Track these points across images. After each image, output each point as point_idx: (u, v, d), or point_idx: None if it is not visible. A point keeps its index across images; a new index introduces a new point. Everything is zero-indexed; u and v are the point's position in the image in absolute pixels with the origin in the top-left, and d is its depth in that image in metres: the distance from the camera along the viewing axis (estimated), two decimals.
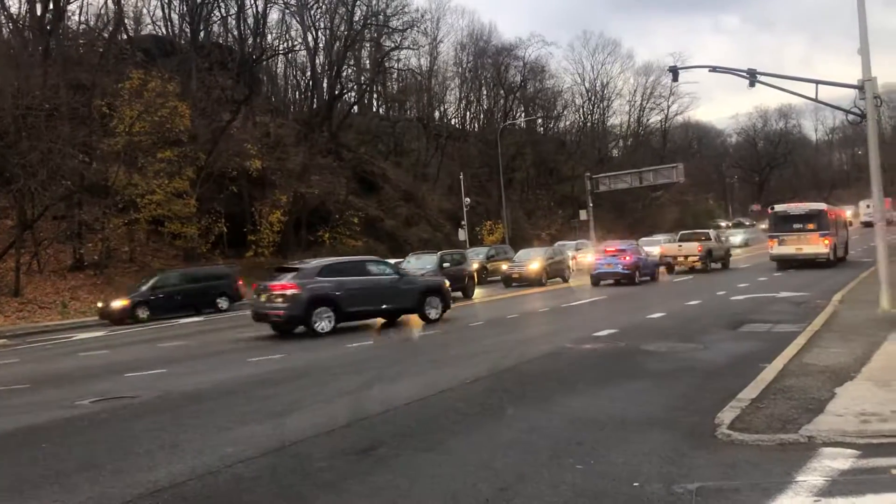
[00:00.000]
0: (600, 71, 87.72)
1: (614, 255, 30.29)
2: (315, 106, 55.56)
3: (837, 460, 6.01)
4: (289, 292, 17.30)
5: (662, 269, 33.73)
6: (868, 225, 67.74)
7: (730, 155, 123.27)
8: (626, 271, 29.73)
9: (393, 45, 56.76)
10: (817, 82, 16.42)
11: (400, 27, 54.99)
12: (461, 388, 10.31)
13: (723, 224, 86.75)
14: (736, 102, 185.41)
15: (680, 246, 35.92)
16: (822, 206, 34.73)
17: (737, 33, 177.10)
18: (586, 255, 40.74)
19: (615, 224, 68.73)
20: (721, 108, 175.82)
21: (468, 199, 50.20)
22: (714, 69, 18.87)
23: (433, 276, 22.49)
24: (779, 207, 35.12)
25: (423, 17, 61.55)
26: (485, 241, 52.26)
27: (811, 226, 31.96)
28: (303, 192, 42.53)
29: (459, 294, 27.26)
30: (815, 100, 17.01)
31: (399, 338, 17.40)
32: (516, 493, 5.75)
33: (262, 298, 18.03)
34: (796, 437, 6.68)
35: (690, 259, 34.62)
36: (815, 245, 31.50)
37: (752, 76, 16.94)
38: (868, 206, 75.51)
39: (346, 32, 52.46)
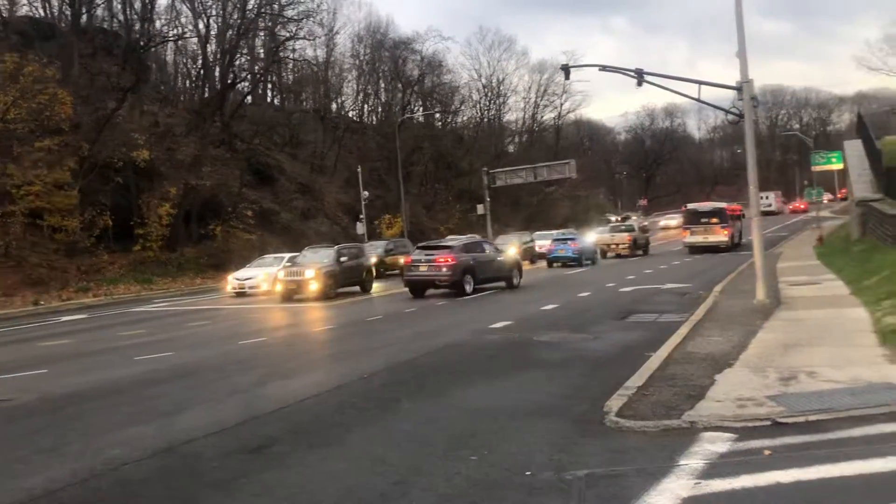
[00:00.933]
0: (496, 67, 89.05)
1: (565, 243, 37.06)
2: (206, 95, 53.78)
3: (716, 444, 6.32)
4: (451, 263, 23.08)
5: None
6: (765, 214, 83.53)
7: (619, 152, 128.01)
8: (575, 255, 36.14)
9: (288, 34, 55.54)
10: (699, 83, 17.18)
11: (295, 17, 53.90)
12: (358, 382, 10.24)
13: (613, 218, 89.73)
14: (625, 101, 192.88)
15: (612, 236, 44.14)
16: (722, 204, 43.70)
17: (625, 35, 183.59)
18: None
19: (511, 218, 69.97)
20: (611, 106, 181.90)
21: (366, 193, 49.90)
22: (604, 68, 19.44)
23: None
24: (691, 205, 43.86)
25: (319, 7, 60.54)
26: (383, 235, 52.13)
27: (714, 220, 40.28)
28: (194, 183, 41.14)
29: (357, 288, 27.10)
30: (698, 100, 17.79)
31: (293, 333, 17.15)
32: (411, 485, 5.77)
33: (424, 269, 23.56)
34: (679, 423, 6.98)
35: (621, 246, 42.42)
36: (718, 235, 39.69)
37: (640, 76, 17.55)
38: (764, 198, 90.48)
39: (238, 21, 50.98)
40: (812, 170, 50.90)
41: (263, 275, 29.03)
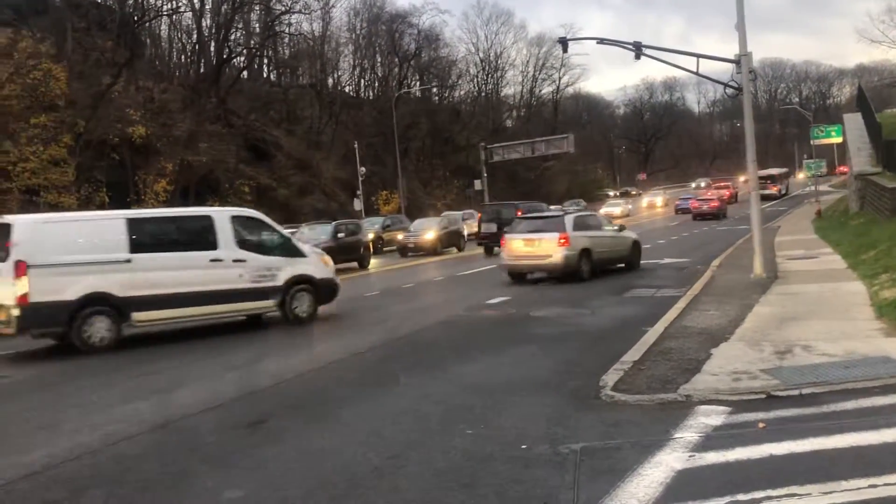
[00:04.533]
0: (494, 41, 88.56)
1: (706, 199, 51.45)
2: (202, 70, 53.37)
3: (711, 417, 6.33)
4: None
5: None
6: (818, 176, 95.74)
7: (618, 126, 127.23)
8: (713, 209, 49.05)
9: (283, 8, 55.05)
10: (698, 56, 17.03)
11: None
12: (354, 358, 10.27)
13: (611, 193, 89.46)
14: (623, 75, 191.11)
15: (719, 191, 61.49)
16: (774, 171, 70.47)
17: (620, 9, 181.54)
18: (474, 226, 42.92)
19: (508, 194, 69.57)
20: (609, 80, 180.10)
21: (363, 169, 49.74)
22: (602, 41, 19.32)
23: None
24: (762, 172, 70.20)
25: None
26: (381, 211, 52.10)
27: (769, 181, 64.50)
28: (190, 160, 40.95)
29: (355, 264, 27.11)
30: (696, 73, 17.66)
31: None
32: (406, 459, 5.79)
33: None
34: (675, 397, 7.00)
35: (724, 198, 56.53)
36: (771, 189, 63.54)
37: (638, 49, 17.40)
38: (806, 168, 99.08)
39: None
40: (811, 143, 50.74)
41: None
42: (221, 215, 13.49)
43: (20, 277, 11.01)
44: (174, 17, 54.80)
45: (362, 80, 76.53)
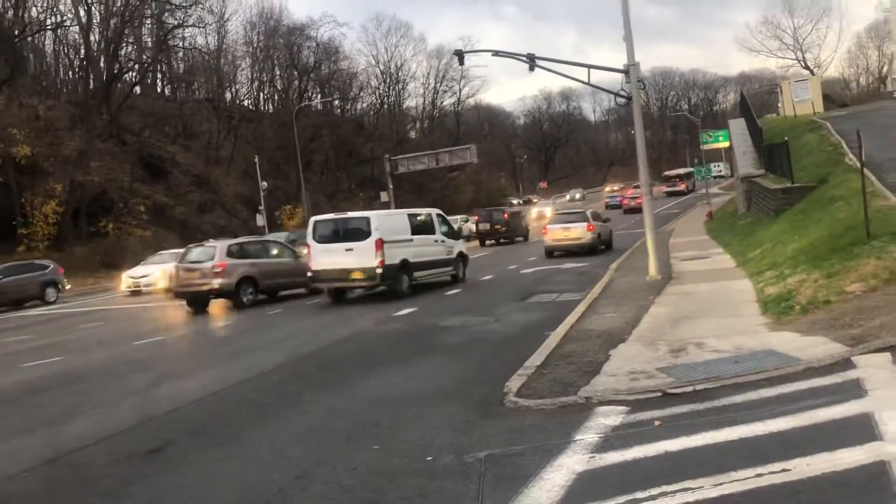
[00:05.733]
0: (394, 53, 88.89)
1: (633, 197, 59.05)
2: (91, 86, 51.31)
3: (610, 417, 6.50)
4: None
5: None
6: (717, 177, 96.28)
7: (518, 136, 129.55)
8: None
9: (176, 22, 53.72)
10: (589, 67, 17.56)
11: (183, 3, 52.09)
12: (259, 377, 10.06)
13: (514, 202, 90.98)
14: (521, 86, 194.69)
15: (633, 191, 65.93)
16: (681, 171, 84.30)
17: (516, 22, 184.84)
18: None
19: (415, 204, 69.69)
20: (509, 91, 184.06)
21: (265, 183, 48.84)
22: (497, 53, 19.65)
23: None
24: (666, 172, 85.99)
25: None
26: (285, 226, 51.24)
27: (679, 179, 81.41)
28: (80, 179, 39.32)
29: None
30: (588, 83, 18.19)
31: (191, 331, 16.67)
32: (312, 479, 5.70)
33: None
34: (575, 399, 7.16)
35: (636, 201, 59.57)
36: (680, 187, 78.87)
37: (532, 60, 17.79)
38: (716, 167, 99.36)
39: (122, 8, 48.86)
40: (701, 148, 52.98)
41: (160, 272, 27.98)
42: (433, 211, 21.44)
43: (380, 249, 17.58)
44: (59, 31, 52.55)
45: (261, 94, 75.49)
